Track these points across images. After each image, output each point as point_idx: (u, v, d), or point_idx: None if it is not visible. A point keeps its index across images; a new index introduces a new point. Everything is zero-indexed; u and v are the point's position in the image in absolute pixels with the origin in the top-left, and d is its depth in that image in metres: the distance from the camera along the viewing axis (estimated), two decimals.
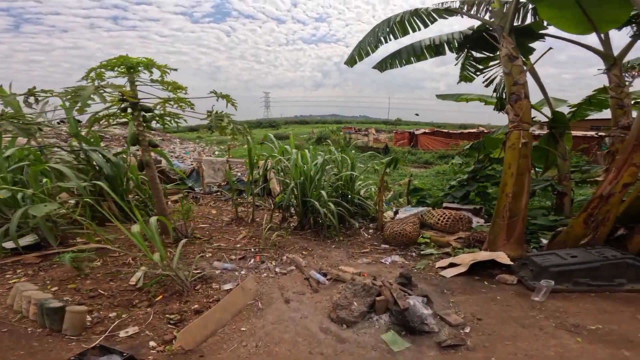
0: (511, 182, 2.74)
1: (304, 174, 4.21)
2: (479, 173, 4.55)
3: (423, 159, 13.09)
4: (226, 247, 3.49)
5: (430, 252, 3.44)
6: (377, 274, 2.91)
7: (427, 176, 10.05)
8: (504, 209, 2.76)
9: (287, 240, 3.83)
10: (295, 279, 2.79)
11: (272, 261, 3.13)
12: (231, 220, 4.79)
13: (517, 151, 2.73)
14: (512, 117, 2.80)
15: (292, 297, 2.47)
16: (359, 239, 4.06)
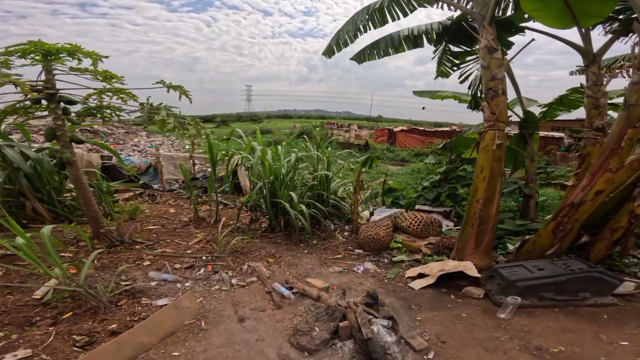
0: (483, 187, 2.59)
1: (274, 172, 3.87)
2: (450, 174, 4.46)
3: (400, 157, 13.19)
4: (173, 253, 3.04)
5: (401, 259, 3.29)
6: (348, 286, 2.68)
7: (403, 174, 10.08)
8: (474, 216, 2.61)
9: (252, 245, 3.48)
10: (256, 292, 2.46)
11: (229, 271, 2.76)
12: (190, 221, 4.31)
13: (491, 153, 2.57)
14: (487, 115, 2.62)
15: (249, 315, 2.14)
16: (334, 243, 3.87)
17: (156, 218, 4.51)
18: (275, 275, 2.76)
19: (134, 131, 19.42)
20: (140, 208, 5.02)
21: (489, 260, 2.70)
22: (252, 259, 3.09)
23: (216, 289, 2.44)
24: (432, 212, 4.26)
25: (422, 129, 17.18)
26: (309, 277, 2.87)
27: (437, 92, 4.90)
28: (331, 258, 3.45)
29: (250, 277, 2.67)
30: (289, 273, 2.86)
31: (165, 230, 3.82)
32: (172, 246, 3.19)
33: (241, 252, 3.18)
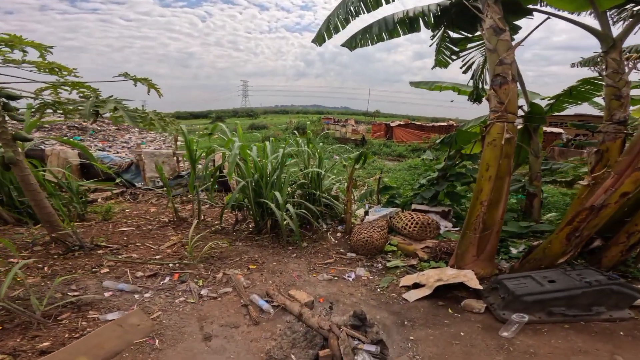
0: (488, 188, 2.30)
1: (260, 170, 3.56)
2: (449, 171, 4.16)
3: (397, 152, 12.90)
4: (139, 259, 2.72)
5: (396, 265, 3.02)
6: (336, 297, 2.40)
7: (399, 170, 9.80)
8: (477, 221, 2.32)
9: (234, 249, 3.18)
10: (229, 305, 2.17)
11: (199, 280, 2.46)
12: (169, 222, 4.00)
13: (498, 149, 2.25)
14: (494, 105, 2.25)
15: (217, 332, 1.86)
16: (325, 245, 3.60)
17: (134, 218, 4.19)
18: (255, 285, 2.47)
19: (126, 128, 18.91)
20: (120, 207, 4.71)
21: (491, 269, 2.43)
22: (230, 265, 2.79)
23: (180, 301, 2.14)
24: (430, 212, 3.99)
25: (419, 124, 16.86)
26: (294, 286, 2.59)
27: (435, 83, 4.58)
28: (321, 263, 3.18)
29: (225, 288, 2.37)
30: (272, 282, 2.57)
31: (140, 232, 3.50)
32: (141, 250, 2.88)
33: (218, 258, 2.87)
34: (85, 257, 2.54)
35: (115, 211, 4.55)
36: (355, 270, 3.03)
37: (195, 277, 2.46)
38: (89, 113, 1.98)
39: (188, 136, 3.75)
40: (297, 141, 4.31)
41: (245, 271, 2.68)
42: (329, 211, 4.37)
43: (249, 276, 2.60)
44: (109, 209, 3.81)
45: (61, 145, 6.84)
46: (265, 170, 3.58)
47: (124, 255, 2.66)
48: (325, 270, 3.00)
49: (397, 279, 2.73)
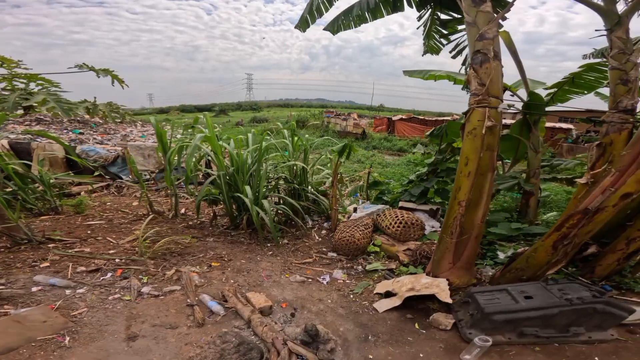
0: (467, 185, 2.03)
1: (237, 163, 3.36)
2: (439, 166, 3.88)
3: (398, 147, 12.53)
4: (90, 254, 2.55)
5: (375, 268, 2.82)
6: (303, 303, 2.22)
7: (398, 165, 9.51)
8: (454, 223, 2.07)
9: (201, 245, 3.01)
10: (172, 305, 2.00)
11: (145, 277, 2.28)
12: (143, 216, 3.85)
13: (479, 139, 1.93)
14: (474, 87, 1.95)
15: (147, 333, 1.69)
16: (307, 243, 3.42)
17: (111, 212, 4.06)
18: (211, 284, 2.29)
19: (128, 121, 18.90)
20: (102, 201, 4.60)
21: (468, 278, 2.19)
22: (190, 262, 2.61)
23: (114, 298, 1.98)
24: (417, 211, 3.75)
25: (422, 118, 16.35)
26: (259, 287, 2.42)
27: (429, 72, 4.25)
28: (298, 262, 3.00)
29: (173, 286, 2.20)
30: (233, 282, 2.40)
31: (108, 226, 3.36)
32: (98, 245, 2.73)
33: (179, 254, 2.70)
34: (31, 251, 2.40)
35: (94, 204, 4.44)
36: (333, 272, 2.84)
37: (142, 274, 2.30)
38: (13, 105, 1.80)
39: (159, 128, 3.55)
40: (282, 133, 4.10)
41: (204, 269, 2.51)
42: (316, 207, 4.18)
43: (206, 274, 2.42)
44: (80, 202, 3.67)
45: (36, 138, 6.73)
46: (244, 163, 3.38)
47: (75, 250, 2.51)
48: (300, 271, 2.82)
49: (374, 285, 2.53)
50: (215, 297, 2.09)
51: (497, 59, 1.95)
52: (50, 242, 2.57)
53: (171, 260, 2.52)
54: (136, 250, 2.58)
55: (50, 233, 2.73)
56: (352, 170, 7.93)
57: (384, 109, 45.98)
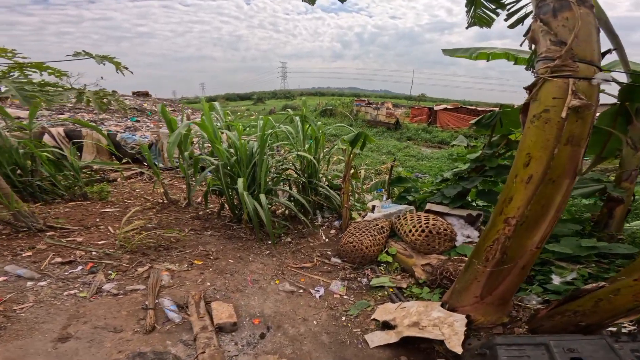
0: (523, 196, 1.36)
1: (239, 151, 3.12)
2: (487, 163, 3.03)
3: (439, 138, 11.18)
4: (79, 243, 2.51)
5: (382, 284, 2.30)
6: (280, 322, 1.87)
7: (437, 158, 8.42)
8: (493, 247, 1.41)
9: (194, 239, 2.85)
10: (127, 306, 1.82)
11: (114, 272, 2.14)
12: (156, 204, 3.90)
13: (552, 127, 1.27)
14: (545, 47, 1.31)
15: (83, 334, 1.52)
16: (312, 243, 3.06)
17: (134, 198, 4.24)
18: (182, 286, 2.06)
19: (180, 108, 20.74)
20: (132, 187, 4.89)
21: (499, 316, 1.52)
22: (172, 258, 2.42)
23: (69, 294, 1.85)
24: (449, 215, 3.03)
25: (471, 108, 14.27)
26: (242, 292, 2.13)
27: (479, 50, 3.35)
28: (295, 267, 2.65)
29: (138, 285, 2.02)
30: (210, 284, 2.14)
31: (120, 214, 3.43)
32: (95, 234, 2.72)
33: (165, 248, 2.55)
34: (26, 239, 2.46)
35: (125, 191, 4.72)
36: (331, 283, 2.41)
37: (113, 269, 2.16)
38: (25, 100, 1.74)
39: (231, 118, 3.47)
40: (293, 120, 3.72)
41: (183, 267, 2.30)
42: (328, 203, 3.75)
43: (182, 274, 2.20)
44: (102, 189, 3.86)
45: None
46: (244, 152, 3.11)
47: (67, 240, 2.51)
48: (294, 278, 2.46)
49: (374, 306, 2.03)
50: (179, 301, 1.86)
51: (586, 5, 1.23)
52: (51, 230, 2.64)
53: (150, 256, 2.38)
54: (129, 239, 2.50)
55: (53, 221, 2.82)
56: (380, 162, 7.22)
57: (426, 99, 42.36)
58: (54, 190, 3.75)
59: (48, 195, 3.65)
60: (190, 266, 2.33)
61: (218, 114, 3.49)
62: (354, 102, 18.06)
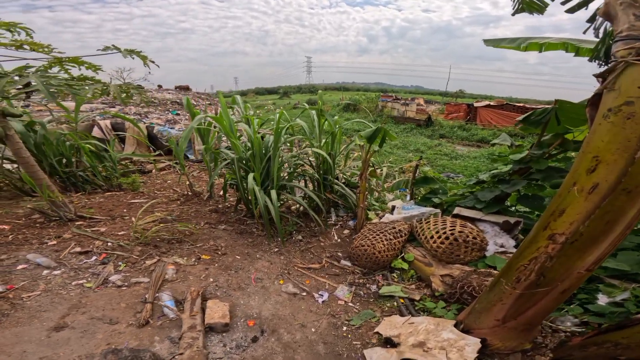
0: (580, 208, 1.07)
1: (255, 145, 3.10)
2: (534, 165, 2.54)
3: (478, 136, 10.13)
4: (102, 233, 2.66)
5: (392, 293, 2.07)
6: (277, 325, 1.78)
7: (474, 157, 7.64)
8: (529, 266, 1.10)
9: (208, 233, 2.88)
10: (127, 298, 1.85)
11: (123, 264, 2.21)
12: (181, 196, 4.08)
13: (638, 123, 1.01)
14: (628, 25, 1.05)
15: (79, 325, 1.56)
16: (323, 243, 2.95)
17: (163, 190, 4.50)
18: (185, 281, 2.06)
19: (216, 103, 21.92)
20: (164, 179, 5.21)
21: (519, 342, 1.21)
22: (181, 252, 2.45)
23: (77, 283, 1.92)
24: (481, 222, 2.65)
25: (520, 105, 12.66)
26: (243, 291, 2.08)
27: (529, 40, 2.83)
28: (302, 267, 2.54)
29: (143, 277, 2.05)
30: (212, 280, 2.12)
31: (147, 205, 3.64)
32: (122, 224, 2.89)
33: (177, 241, 2.59)
34: (56, 228, 2.65)
35: (157, 182, 5.06)
36: (337, 287, 2.25)
37: (123, 260, 2.23)
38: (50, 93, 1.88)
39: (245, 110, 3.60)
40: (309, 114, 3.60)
41: (190, 261, 2.31)
42: (344, 201, 3.58)
43: (187, 268, 2.21)
44: (134, 181, 4.14)
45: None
46: (260, 147, 3.07)
47: (92, 229, 2.68)
48: (299, 279, 2.35)
49: (380, 317, 1.83)
50: (179, 296, 1.85)
51: None
52: (81, 219, 2.84)
53: (162, 248, 2.44)
54: (144, 232, 2.61)
55: (84, 210, 3.03)
56: (405, 160, 6.74)
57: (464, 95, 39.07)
58: (94, 180, 4.12)
59: (89, 185, 4.01)
60: (198, 260, 2.34)
61: (239, 108, 3.50)
62: (379, 98, 17.32)
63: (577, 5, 2.36)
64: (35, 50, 2.25)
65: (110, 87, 2.39)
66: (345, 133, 9.27)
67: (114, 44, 2.58)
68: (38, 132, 3.47)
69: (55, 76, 2.19)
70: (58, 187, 3.89)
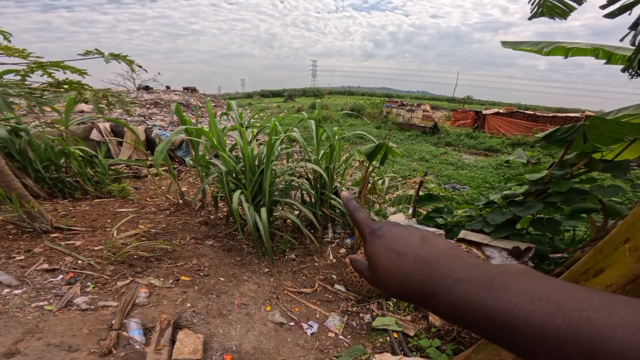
0: (626, 269, 0.83)
1: (246, 158, 2.91)
2: (554, 187, 2.28)
3: (486, 145, 9.80)
4: (76, 247, 2.47)
5: (386, 326, 1.86)
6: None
7: (482, 167, 7.33)
8: None
9: (190, 250, 2.69)
10: (92, 323, 1.66)
11: (92, 285, 2.01)
12: (171, 206, 3.91)
13: None
14: None
15: (33, 352, 1.39)
16: (317, 263, 2.75)
17: (155, 197, 4.34)
18: (158, 306, 1.87)
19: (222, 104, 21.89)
20: (158, 185, 5.06)
21: None
22: (159, 272, 2.25)
23: (36, 306, 1.74)
24: (488, 247, 2.41)
25: (530, 113, 12.30)
26: (224, 318, 1.88)
27: (555, 44, 2.60)
28: (293, 290, 2.34)
29: (112, 301, 1.86)
30: (190, 306, 1.92)
31: (135, 214, 3.48)
32: (101, 237, 2.71)
33: (156, 259, 2.40)
34: (28, 241, 2.48)
35: (151, 188, 4.91)
36: (329, 316, 2.04)
37: (92, 281, 2.05)
38: None
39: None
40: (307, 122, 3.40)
41: (167, 283, 2.11)
42: (342, 217, 3.36)
43: (162, 291, 2.02)
44: (123, 188, 3.99)
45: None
46: (251, 160, 2.89)
47: (66, 243, 2.50)
48: (288, 305, 2.14)
49: (372, 354, 1.61)
50: (150, 323, 1.65)
51: None
52: (57, 231, 2.66)
53: (137, 268, 2.25)
54: (120, 247, 2.42)
55: (62, 221, 2.84)
56: (410, 169, 6.47)
57: (472, 101, 38.54)
58: (83, 187, 3.97)
59: (78, 191, 3.86)
60: (176, 282, 2.15)
61: (234, 115, 3.33)
62: (384, 103, 17.06)
63: (619, 9, 2.14)
64: (10, 55, 2.11)
65: (86, 93, 2.24)
66: (348, 140, 9.06)
67: (95, 49, 2.42)
68: (23, 137, 3.34)
69: (17, 84, 2.04)
70: (44, 194, 3.78)
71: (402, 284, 0.26)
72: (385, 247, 0.28)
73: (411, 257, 0.27)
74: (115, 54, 2.49)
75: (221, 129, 3.01)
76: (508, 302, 0.20)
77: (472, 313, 0.22)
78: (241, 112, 3.61)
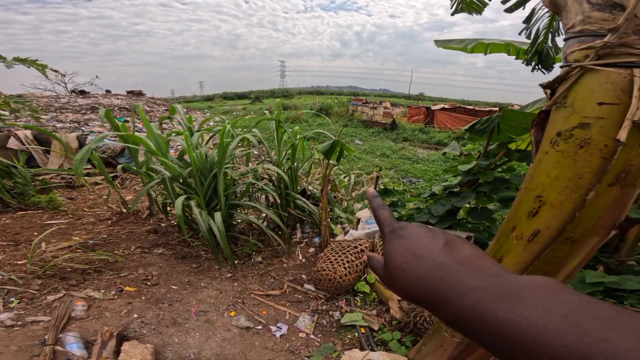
0: (519, 258, 0.93)
1: (193, 162, 2.70)
2: (482, 177, 2.60)
3: (436, 139, 10.79)
4: (1, 262, 2.12)
5: (353, 322, 1.95)
6: None
7: (433, 160, 8.04)
8: None
9: (135, 259, 2.46)
10: (21, 340, 1.46)
11: (16, 300, 1.77)
12: (113, 215, 3.51)
13: (593, 154, 0.77)
14: (581, 17, 0.77)
15: None
16: (286, 264, 2.72)
17: (94, 207, 3.84)
18: (100, 318, 1.70)
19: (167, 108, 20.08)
20: (98, 194, 4.48)
21: None
22: (99, 283, 2.04)
23: None
24: None
25: (469, 108, 13.89)
26: (179, 327, 1.77)
27: (476, 41, 2.89)
28: (260, 294, 2.29)
29: (42, 316, 1.67)
30: (137, 316, 1.77)
31: (67, 227, 3.05)
32: (25, 251, 2.34)
33: (95, 271, 2.17)
34: None
35: (90, 197, 4.32)
36: (299, 317, 2.05)
37: (17, 296, 1.79)
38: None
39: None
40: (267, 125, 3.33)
41: (109, 295, 1.92)
42: (309, 217, 3.38)
43: (104, 303, 1.84)
44: (51, 199, 3.47)
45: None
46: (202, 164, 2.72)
47: None
48: (255, 309, 2.10)
49: (342, 351, 1.68)
50: (92, 336, 1.50)
51: None
52: None
53: (71, 281, 2.00)
54: (47, 263, 2.10)
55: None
56: (373, 165, 6.84)
57: (424, 98, 42.01)
58: (1, 199, 3.36)
59: (23, 202, 3.29)
60: (119, 293, 1.96)
61: (182, 118, 3.10)
62: (350, 102, 17.61)
63: (515, 4, 2.41)
64: None
65: None
66: (317, 139, 9.07)
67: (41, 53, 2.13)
68: None
69: None
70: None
71: (414, 287, 0.26)
72: (404, 248, 0.28)
73: (429, 260, 0.26)
74: (21, 58, 2.15)
75: (160, 134, 2.79)
76: (519, 316, 0.19)
77: (477, 324, 0.21)
78: (189, 115, 3.35)
